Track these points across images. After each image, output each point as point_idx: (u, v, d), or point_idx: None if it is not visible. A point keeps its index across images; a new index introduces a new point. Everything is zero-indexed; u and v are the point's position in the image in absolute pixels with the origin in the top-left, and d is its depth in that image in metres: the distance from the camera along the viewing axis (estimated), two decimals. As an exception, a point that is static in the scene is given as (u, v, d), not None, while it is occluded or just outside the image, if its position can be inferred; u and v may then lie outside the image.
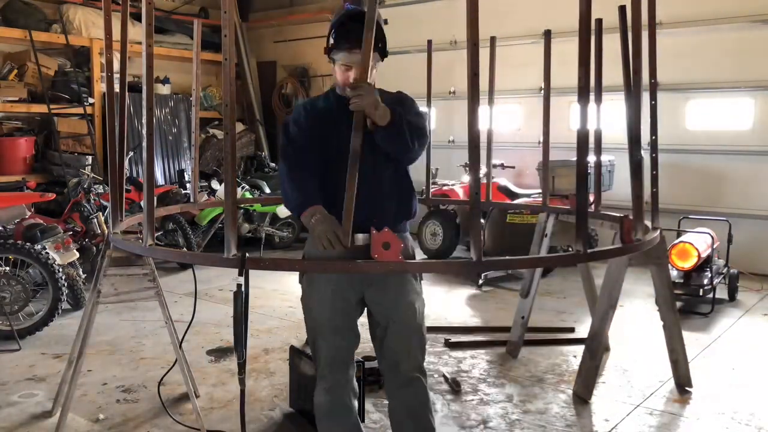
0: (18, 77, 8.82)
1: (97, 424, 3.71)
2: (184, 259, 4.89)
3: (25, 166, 8.75)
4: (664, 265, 4.13)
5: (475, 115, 2.59)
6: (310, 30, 11.06)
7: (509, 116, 9.10)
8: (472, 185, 2.63)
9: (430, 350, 4.95)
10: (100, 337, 5.04)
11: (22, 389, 4.18)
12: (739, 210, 7.48)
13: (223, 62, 2.57)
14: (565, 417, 3.83)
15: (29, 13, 8.86)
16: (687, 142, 7.87)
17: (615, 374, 4.50)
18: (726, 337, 5.34)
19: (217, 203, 7.24)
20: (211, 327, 5.38)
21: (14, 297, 5.13)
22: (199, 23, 4.33)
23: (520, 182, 8.51)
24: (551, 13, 8.05)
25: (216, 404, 3.98)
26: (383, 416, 3.81)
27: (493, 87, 4.73)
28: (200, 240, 7.81)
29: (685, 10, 7.69)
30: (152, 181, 3.18)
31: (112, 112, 3.46)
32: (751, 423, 3.78)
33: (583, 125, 2.90)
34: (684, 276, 6.00)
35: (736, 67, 7.53)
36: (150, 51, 3.05)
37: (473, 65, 2.59)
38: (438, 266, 6.64)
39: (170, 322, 3.58)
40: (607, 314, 3.97)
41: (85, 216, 6.79)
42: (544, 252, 4.64)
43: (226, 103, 2.66)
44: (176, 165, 10.14)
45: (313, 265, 2.84)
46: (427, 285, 6.87)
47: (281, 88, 11.45)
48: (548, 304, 6.22)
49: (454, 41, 9.37)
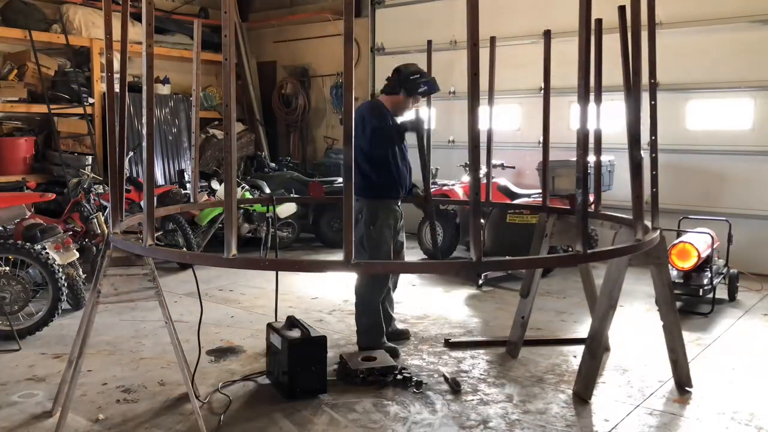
0: (18, 77, 8.83)
1: (97, 424, 3.71)
2: (184, 259, 4.90)
3: (25, 166, 8.76)
4: (664, 265, 4.13)
5: (475, 115, 2.60)
6: (310, 30, 11.07)
7: (509, 116, 9.10)
8: (472, 185, 2.63)
9: (430, 350, 4.96)
10: (100, 337, 5.05)
11: (22, 389, 4.18)
12: (739, 210, 7.48)
13: (223, 62, 2.58)
14: (565, 417, 3.84)
15: (29, 13, 8.86)
16: (687, 142, 7.86)
17: (615, 374, 4.50)
18: (726, 337, 5.34)
19: (217, 203, 7.25)
20: (211, 327, 5.38)
21: (14, 297, 5.13)
22: (199, 23, 4.34)
23: (520, 182, 8.50)
24: (551, 13, 8.07)
25: (216, 404, 3.98)
26: (383, 416, 3.81)
27: (492, 87, 4.73)
28: (200, 240, 7.81)
29: (685, 10, 7.69)
30: (152, 181, 3.19)
31: (112, 112, 3.46)
32: (751, 423, 3.78)
33: (583, 125, 2.90)
34: (684, 276, 6.00)
35: (736, 67, 7.53)
36: (150, 51, 3.05)
37: (473, 65, 2.59)
38: (438, 266, 6.65)
39: (170, 322, 3.58)
40: (607, 314, 3.97)
41: (85, 216, 6.79)
42: (544, 252, 4.64)
43: (226, 103, 2.67)
44: (176, 165, 10.14)
45: (313, 265, 2.84)
46: (428, 285, 6.92)
47: (281, 88, 11.45)
48: (548, 304, 6.22)
49: (454, 41, 9.37)
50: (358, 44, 10.21)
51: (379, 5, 10.43)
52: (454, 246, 8.18)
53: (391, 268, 4.49)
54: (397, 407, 3.94)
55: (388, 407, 3.94)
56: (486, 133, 4.95)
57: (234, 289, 6.66)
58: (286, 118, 11.44)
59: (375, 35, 10.50)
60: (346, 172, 2.75)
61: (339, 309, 6.02)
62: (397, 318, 5.75)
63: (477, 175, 2.62)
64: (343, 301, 6.25)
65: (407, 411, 3.89)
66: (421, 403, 3.99)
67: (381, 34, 10.46)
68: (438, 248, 7.18)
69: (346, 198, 2.75)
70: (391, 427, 3.70)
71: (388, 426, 3.71)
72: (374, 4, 10.42)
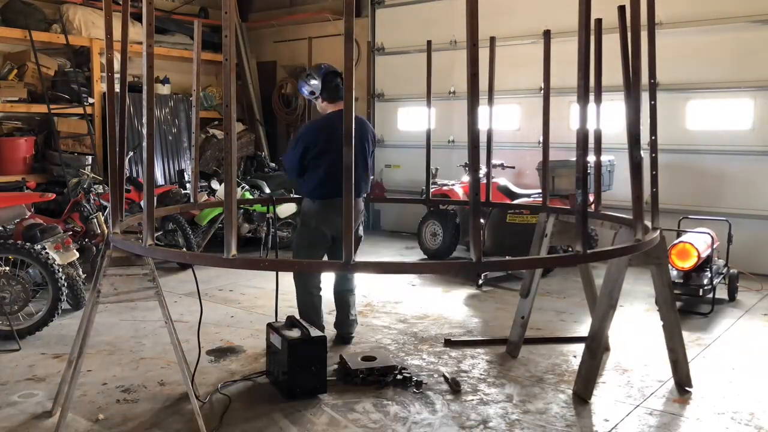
0: (18, 77, 8.82)
1: (97, 424, 3.71)
2: (184, 259, 4.90)
3: (25, 166, 8.75)
4: (664, 265, 4.13)
5: (474, 115, 2.60)
6: (310, 30, 11.04)
7: (509, 116, 9.10)
8: (472, 185, 2.63)
9: (430, 350, 4.96)
10: (100, 337, 5.05)
11: (22, 389, 4.18)
12: (739, 210, 7.48)
13: (224, 62, 2.58)
14: (565, 417, 3.84)
15: (29, 13, 8.86)
16: (687, 142, 7.87)
17: (615, 374, 4.50)
18: (726, 337, 5.34)
19: (217, 203, 7.25)
20: (211, 327, 5.39)
21: (14, 297, 5.13)
22: (199, 23, 4.34)
23: (520, 182, 8.51)
24: (551, 13, 8.07)
25: (216, 404, 3.98)
26: (383, 416, 3.81)
27: (492, 87, 4.73)
28: (200, 240, 7.81)
29: (685, 10, 7.69)
30: (152, 181, 3.19)
31: (112, 112, 3.46)
32: (751, 423, 3.78)
33: (582, 125, 2.90)
34: (684, 276, 6.00)
35: (736, 67, 7.53)
36: (150, 51, 3.05)
37: (473, 65, 2.59)
38: (438, 266, 6.65)
39: (170, 322, 3.58)
40: (607, 314, 3.97)
41: (85, 216, 6.79)
42: (544, 252, 4.64)
43: (226, 103, 2.67)
44: (176, 165, 10.14)
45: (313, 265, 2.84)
46: (427, 285, 6.91)
47: (281, 88, 11.45)
48: (548, 304, 6.23)
49: (454, 41, 9.37)
50: (358, 44, 10.21)
51: (379, 5, 10.43)
52: (454, 246, 8.18)
53: (390, 268, 4.49)
54: (397, 407, 3.94)
55: (388, 407, 3.94)
56: (486, 133, 4.95)
57: (234, 289, 6.66)
58: (286, 118, 11.44)
59: (375, 35, 10.51)
60: (346, 172, 2.75)
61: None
62: (397, 318, 5.76)
63: (477, 175, 2.62)
64: (343, 301, 6.27)
65: (407, 411, 3.89)
66: (421, 403, 3.99)
67: (381, 34, 10.47)
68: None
69: (346, 198, 2.75)
70: (391, 427, 3.70)
71: (388, 426, 3.71)
72: (374, 4, 10.43)
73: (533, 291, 4.76)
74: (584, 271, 4.90)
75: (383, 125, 10.54)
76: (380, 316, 5.85)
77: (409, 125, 10.26)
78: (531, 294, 4.75)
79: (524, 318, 4.77)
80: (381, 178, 10.38)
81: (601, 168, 4.67)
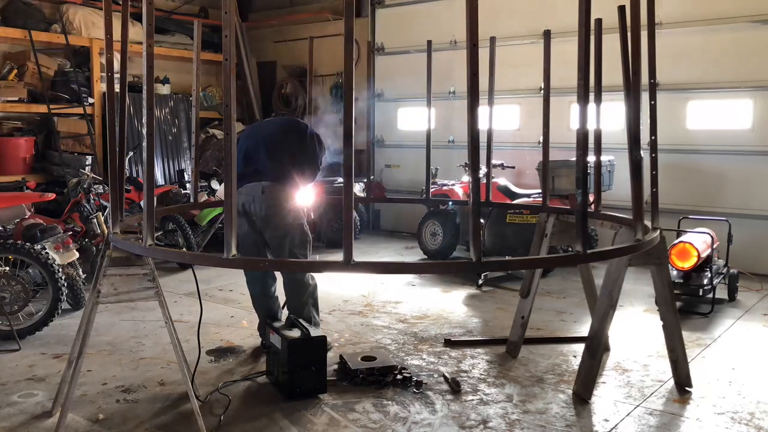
0: (18, 77, 8.82)
1: (97, 424, 3.71)
2: (184, 259, 4.90)
3: (25, 166, 8.75)
4: (664, 265, 4.13)
5: (474, 115, 2.60)
6: (310, 30, 11.03)
7: (509, 116, 9.10)
8: (472, 185, 2.63)
9: (430, 350, 4.96)
10: (100, 337, 5.05)
11: (22, 389, 4.18)
12: (739, 210, 7.48)
13: (224, 62, 2.58)
14: (565, 417, 3.84)
15: (29, 13, 8.85)
16: (687, 142, 7.87)
17: (615, 374, 4.50)
18: (726, 337, 5.34)
19: (217, 203, 7.24)
20: (210, 327, 5.39)
21: (14, 297, 5.13)
22: (199, 23, 4.34)
23: (520, 182, 8.51)
24: (551, 13, 8.07)
25: (216, 404, 3.98)
26: (383, 416, 3.81)
27: (492, 87, 4.73)
28: (200, 240, 7.81)
29: (685, 10, 7.69)
30: (152, 181, 3.19)
31: (112, 112, 3.46)
32: (751, 423, 3.78)
33: (582, 125, 2.90)
34: (684, 276, 6.00)
35: (736, 67, 7.53)
36: (150, 51, 3.05)
37: (473, 65, 2.59)
38: (438, 266, 6.64)
39: (170, 322, 3.58)
40: (607, 314, 3.98)
41: (85, 216, 6.79)
42: (544, 252, 4.64)
43: (226, 103, 2.67)
44: (176, 165, 10.14)
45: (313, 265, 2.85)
46: (427, 285, 6.91)
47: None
48: (548, 304, 6.23)
49: (454, 41, 9.37)
50: (358, 44, 10.21)
51: (379, 5, 10.43)
52: (454, 246, 8.18)
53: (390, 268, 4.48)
54: (397, 407, 3.94)
55: (388, 407, 3.94)
56: (486, 133, 4.95)
57: (234, 289, 6.66)
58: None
59: (375, 35, 10.50)
60: (346, 172, 2.75)
61: (339, 309, 6.02)
62: (397, 318, 5.76)
63: (477, 175, 2.62)
64: (343, 301, 6.26)
65: (407, 411, 3.89)
66: (421, 403, 3.99)
67: (381, 34, 10.47)
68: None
69: (346, 198, 2.75)
70: (391, 427, 3.70)
71: (388, 426, 3.71)
72: (374, 4, 10.43)
73: (533, 291, 4.76)
74: (584, 271, 4.90)
75: (383, 125, 10.54)
76: (380, 316, 5.85)
77: (409, 125, 10.26)
78: (531, 294, 4.75)
79: (524, 318, 4.77)
80: (381, 178, 10.39)
81: (601, 168, 4.67)
